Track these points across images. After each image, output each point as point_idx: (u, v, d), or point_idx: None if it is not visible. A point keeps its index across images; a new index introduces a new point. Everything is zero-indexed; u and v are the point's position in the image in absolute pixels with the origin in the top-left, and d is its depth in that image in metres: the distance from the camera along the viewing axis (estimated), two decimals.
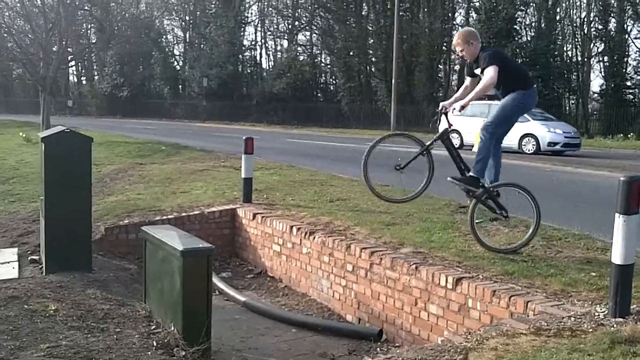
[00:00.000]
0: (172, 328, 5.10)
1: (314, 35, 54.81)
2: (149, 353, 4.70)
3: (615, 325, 4.18)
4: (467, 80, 6.66)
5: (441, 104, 6.47)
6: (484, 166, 6.21)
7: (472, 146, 7.20)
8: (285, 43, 57.99)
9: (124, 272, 7.47)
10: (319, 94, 53.50)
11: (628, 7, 37.54)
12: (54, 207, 6.60)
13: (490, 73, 5.94)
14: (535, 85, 6.39)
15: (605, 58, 39.26)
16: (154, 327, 5.36)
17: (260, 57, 59.60)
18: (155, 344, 4.91)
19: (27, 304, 5.40)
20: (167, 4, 48.52)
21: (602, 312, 4.48)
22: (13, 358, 4.29)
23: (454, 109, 6.25)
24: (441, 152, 6.68)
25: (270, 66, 57.23)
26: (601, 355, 3.71)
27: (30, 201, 10.50)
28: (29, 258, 7.33)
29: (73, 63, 39.98)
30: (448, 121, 6.46)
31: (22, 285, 5.98)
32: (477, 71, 6.32)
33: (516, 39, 38.21)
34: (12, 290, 5.78)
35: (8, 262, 7.15)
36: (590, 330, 4.14)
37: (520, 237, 6.33)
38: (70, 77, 72.17)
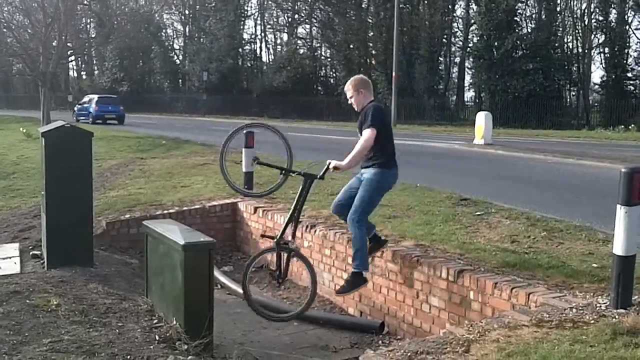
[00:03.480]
0: (174, 322, 5.11)
1: (314, 28, 54.78)
2: (152, 347, 4.70)
3: (617, 317, 4.17)
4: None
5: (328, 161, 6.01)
6: (364, 256, 5.82)
7: None
8: (285, 36, 58.01)
9: (125, 266, 7.47)
10: (319, 87, 53.46)
11: None
12: (55, 202, 6.59)
13: (368, 135, 5.64)
14: (397, 168, 6.01)
15: (606, 49, 39.17)
16: (156, 321, 5.37)
17: (260, 50, 59.64)
18: (157, 338, 4.92)
19: (29, 299, 5.40)
20: None
21: (604, 303, 4.47)
22: (15, 353, 4.29)
23: (333, 168, 5.90)
24: (431, 144, 6.66)
25: (270, 60, 57.24)
26: (603, 347, 3.71)
27: (31, 196, 10.51)
28: (31, 253, 7.33)
29: (73, 58, 39.95)
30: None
31: (24, 280, 5.98)
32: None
33: (516, 30, 38.19)
34: (14, 285, 5.78)
35: (10, 257, 7.15)
36: (592, 321, 4.14)
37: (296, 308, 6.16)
38: (70, 72, 72.26)
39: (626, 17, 38.34)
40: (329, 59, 54.02)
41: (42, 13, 26.47)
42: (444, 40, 45.24)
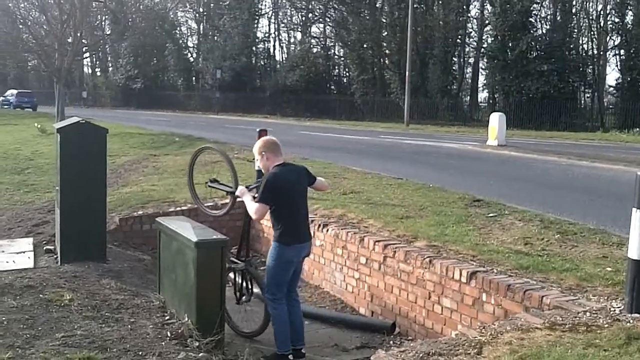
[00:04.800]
0: (186, 319, 5.12)
1: (328, 27, 54.67)
2: (163, 343, 4.72)
3: (631, 321, 4.14)
4: None
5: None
6: (286, 336, 5.54)
7: None
8: (298, 35, 58.00)
9: (138, 262, 7.51)
10: (332, 87, 53.40)
11: None
12: (69, 198, 6.63)
13: (254, 211, 5.43)
14: (303, 243, 5.57)
15: (622, 51, 38.78)
16: (167, 317, 5.39)
17: (274, 49, 59.64)
18: (169, 334, 4.93)
19: (43, 294, 5.44)
20: None
21: (618, 307, 4.44)
22: (29, 347, 4.32)
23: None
24: (444, 144, 6.63)
25: (284, 58, 57.22)
26: (617, 351, 3.68)
27: (45, 191, 10.57)
28: (44, 248, 7.38)
29: (87, 54, 40.14)
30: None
31: (37, 275, 6.02)
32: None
33: (531, 31, 37.90)
34: (27, 279, 5.83)
35: (23, 252, 7.21)
36: (606, 325, 4.11)
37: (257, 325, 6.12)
38: (85, 69, 72.76)
39: None
40: (343, 58, 53.90)
41: (58, 10, 26.64)
42: (458, 40, 45.01)
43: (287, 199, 5.49)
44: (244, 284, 6.25)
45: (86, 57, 51.58)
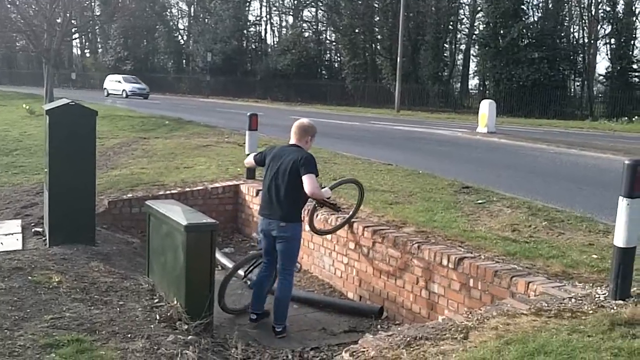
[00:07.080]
0: (175, 302, 5.14)
1: (320, 11, 54.51)
2: (152, 326, 4.73)
3: (615, 308, 4.19)
4: None
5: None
6: (285, 308, 5.89)
7: None
8: (290, 19, 57.79)
9: (127, 245, 7.50)
10: (324, 71, 53.31)
11: None
12: (58, 180, 6.60)
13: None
14: (268, 219, 5.79)
15: (612, 40, 38.95)
16: (157, 300, 5.40)
17: (265, 32, 59.55)
18: (158, 317, 4.95)
19: (31, 276, 5.43)
20: None
21: (603, 294, 4.50)
22: (17, 328, 4.33)
23: None
24: (434, 131, 6.64)
25: (275, 42, 57.02)
26: (601, 337, 3.73)
27: (33, 173, 10.52)
28: (33, 230, 7.35)
29: (77, 35, 39.69)
30: None
31: (25, 257, 6.01)
32: None
33: (523, 19, 37.97)
34: (16, 261, 5.81)
35: (12, 234, 7.18)
36: (591, 311, 4.16)
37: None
38: (74, 50, 72.12)
39: (633, 8, 38.10)
40: (334, 43, 53.80)
41: None
42: (449, 26, 45.00)
43: (266, 170, 5.92)
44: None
45: (75, 38, 50.87)
